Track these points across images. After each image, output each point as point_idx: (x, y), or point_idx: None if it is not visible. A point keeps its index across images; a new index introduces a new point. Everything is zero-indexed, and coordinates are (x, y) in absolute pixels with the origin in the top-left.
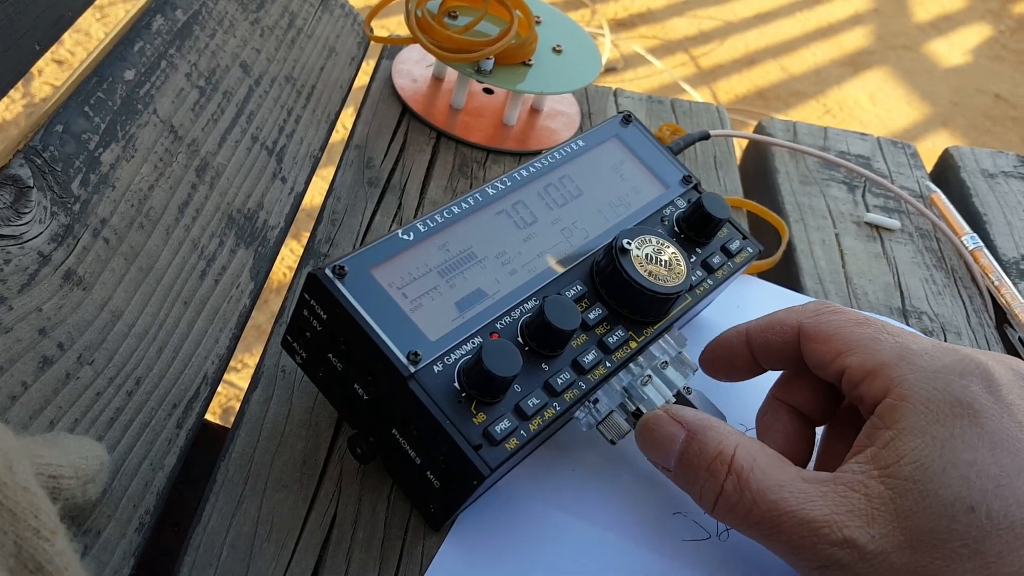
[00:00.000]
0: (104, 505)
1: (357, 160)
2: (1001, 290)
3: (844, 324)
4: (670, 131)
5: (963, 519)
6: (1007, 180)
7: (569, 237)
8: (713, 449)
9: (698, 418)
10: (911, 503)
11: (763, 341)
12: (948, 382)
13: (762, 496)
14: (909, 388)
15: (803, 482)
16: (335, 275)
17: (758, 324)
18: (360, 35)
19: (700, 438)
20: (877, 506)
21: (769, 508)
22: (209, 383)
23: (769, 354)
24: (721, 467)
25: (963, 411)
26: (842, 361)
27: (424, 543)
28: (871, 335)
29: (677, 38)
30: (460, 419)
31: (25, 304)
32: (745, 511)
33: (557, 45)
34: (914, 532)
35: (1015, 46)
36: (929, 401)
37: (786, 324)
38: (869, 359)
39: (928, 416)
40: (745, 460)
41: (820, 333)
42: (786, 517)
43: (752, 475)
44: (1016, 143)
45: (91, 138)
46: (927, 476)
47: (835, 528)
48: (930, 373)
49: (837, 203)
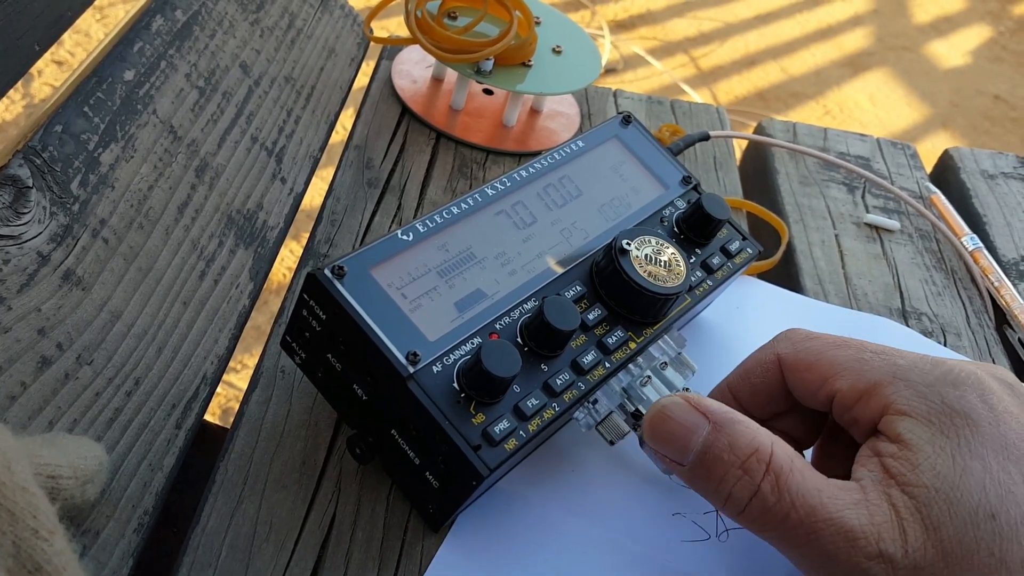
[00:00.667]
0: (103, 505)
1: (357, 161)
2: (1001, 291)
3: (824, 349)
4: (670, 132)
5: (986, 527)
6: (1007, 181)
7: (569, 238)
8: (748, 445)
9: (725, 411)
10: (937, 512)
11: (748, 388)
12: (944, 394)
13: (802, 500)
14: (907, 403)
15: (838, 489)
16: (334, 275)
17: (737, 374)
18: (360, 36)
19: (729, 431)
20: (905, 516)
21: (808, 513)
22: (208, 383)
23: (759, 400)
24: (758, 465)
25: (962, 421)
26: (831, 386)
27: (423, 543)
28: (854, 356)
29: (677, 39)
30: (459, 419)
31: (24, 304)
32: (783, 515)
33: (557, 46)
34: (945, 544)
35: (1015, 47)
36: (929, 413)
37: (765, 362)
38: (860, 380)
39: (931, 428)
40: (784, 460)
41: (802, 361)
42: (824, 525)
43: (792, 477)
44: (1016, 144)
45: (90, 138)
46: (947, 484)
47: (872, 540)
48: (924, 387)
49: (837, 204)
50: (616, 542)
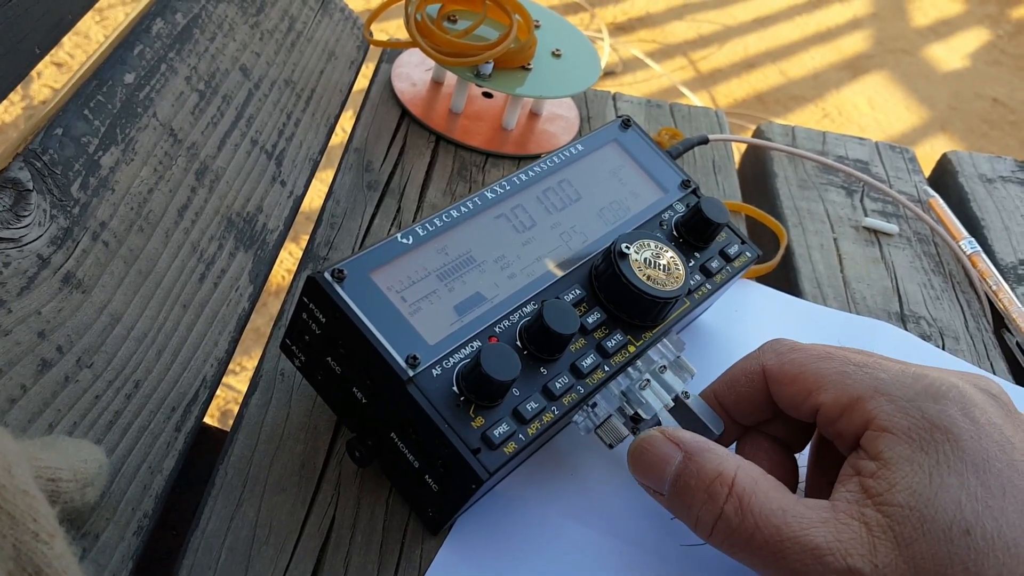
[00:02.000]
0: (102, 508)
1: (356, 163)
2: (999, 295)
3: (808, 361)
4: (669, 135)
5: (960, 542)
6: (1005, 185)
7: (568, 241)
8: (712, 470)
9: (696, 440)
10: (910, 530)
11: (735, 397)
12: (924, 409)
13: (765, 520)
14: (888, 419)
15: (804, 508)
16: (334, 279)
17: (722, 382)
18: (359, 39)
19: (698, 459)
20: (877, 534)
21: (772, 533)
22: (208, 386)
23: (745, 409)
24: (721, 489)
25: (943, 436)
26: (815, 399)
27: (422, 547)
28: (837, 369)
29: (676, 42)
30: (458, 423)
31: (24, 307)
32: (747, 536)
33: (556, 49)
34: (916, 559)
35: (1013, 50)
36: (910, 430)
37: (750, 372)
38: (843, 395)
39: (912, 445)
40: (747, 483)
41: (786, 374)
42: (789, 543)
43: (755, 498)
44: (1014, 147)
45: (91, 141)
46: (921, 502)
47: (839, 556)
48: (905, 402)
49: (835, 207)
50: (615, 545)
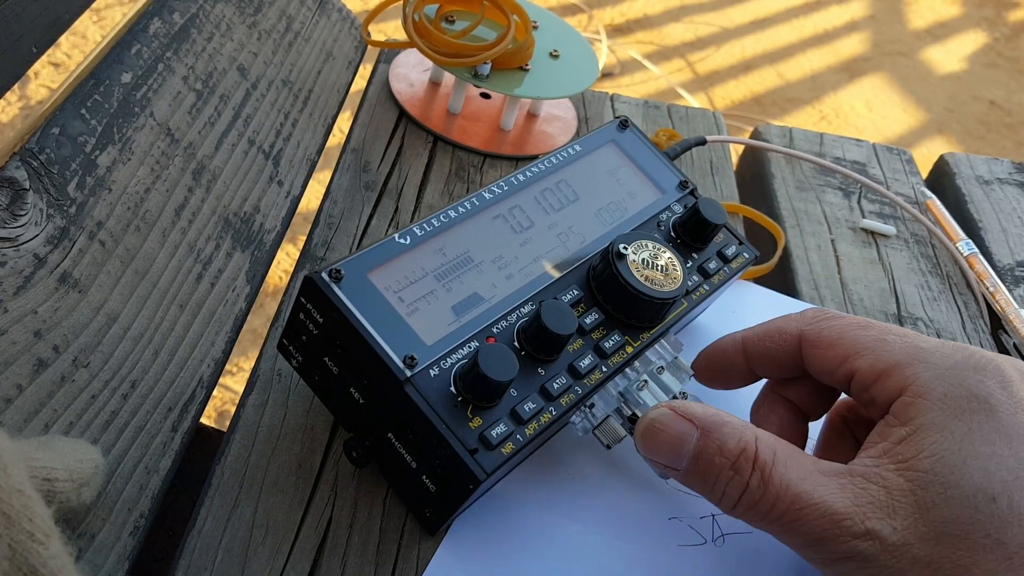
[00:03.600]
0: (99, 508)
1: (354, 164)
2: (996, 296)
3: (847, 328)
4: (666, 136)
5: (985, 509)
6: (1002, 187)
7: (566, 242)
8: (735, 446)
9: (708, 414)
10: (932, 495)
11: (761, 349)
12: (963, 377)
13: (785, 489)
14: (925, 385)
15: (821, 474)
16: (332, 279)
17: (755, 332)
18: (357, 39)
19: (717, 435)
20: (898, 498)
21: (792, 501)
22: (204, 386)
23: (766, 362)
24: (746, 463)
25: (979, 405)
26: (851, 365)
27: (419, 548)
28: (877, 336)
29: (674, 44)
30: (456, 423)
31: (20, 307)
32: (769, 506)
33: (554, 50)
34: (937, 523)
35: (1010, 53)
36: (946, 397)
37: (785, 332)
38: (880, 360)
39: (945, 411)
40: (766, 454)
41: (823, 339)
42: (809, 510)
43: (775, 469)
44: (1011, 149)
45: (87, 141)
46: (947, 468)
47: (857, 520)
48: (944, 370)
49: (833, 209)
50: (612, 546)
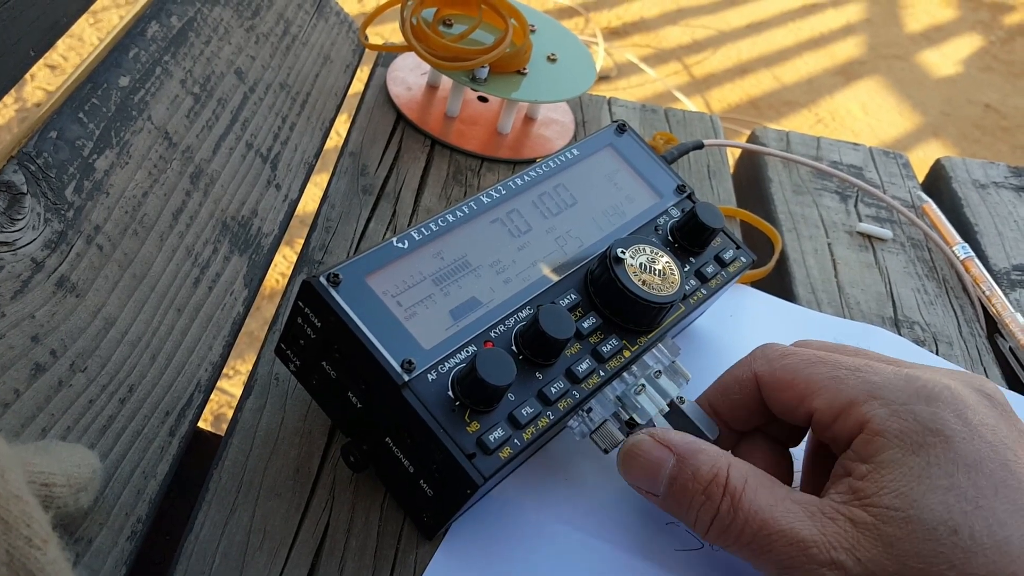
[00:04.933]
0: (96, 513)
1: (351, 167)
2: (992, 300)
3: (800, 367)
4: (664, 140)
5: (947, 541)
6: (998, 191)
7: (563, 246)
8: (708, 472)
9: (685, 441)
10: (895, 529)
11: (728, 404)
12: (916, 412)
13: (754, 515)
14: (881, 423)
15: (792, 503)
16: (329, 283)
17: (715, 389)
18: (355, 42)
19: (692, 462)
20: (862, 531)
21: (760, 527)
22: (202, 390)
23: (738, 415)
24: (717, 490)
25: (935, 438)
26: (808, 405)
27: (417, 552)
28: (830, 374)
29: (670, 47)
30: (454, 428)
31: (18, 311)
32: (738, 531)
33: (552, 54)
34: (901, 557)
35: (1005, 56)
36: (902, 433)
37: (742, 379)
38: (836, 400)
39: (903, 447)
40: (737, 480)
41: (779, 381)
42: (777, 536)
43: (744, 495)
44: (1006, 153)
45: (85, 144)
46: (907, 503)
47: (823, 549)
48: (898, 406)
49: (830, 213)
50: (609, 551)
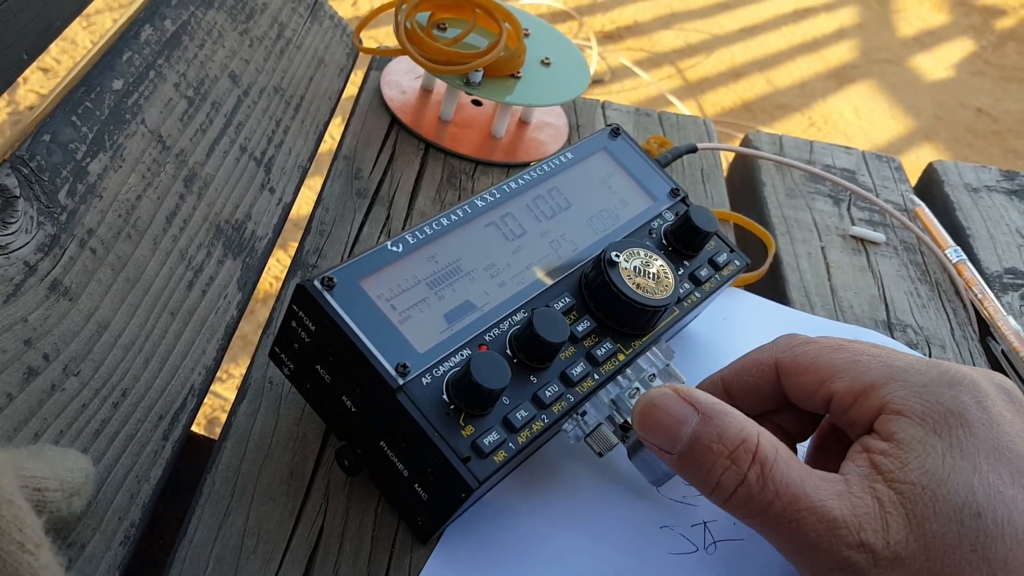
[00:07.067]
0: (89, 518)
1: (345, 171)
2: (984, 303)
3: (821, 352)
4: (658, 144)
5: (971, 524)
6: (990, 194)
7: (558, 249)
8: (735, 436)
9: (711, 402)
10: (922, 508)
11: (742, 385)
12: (939, 394)
13: (785, 488)
14: (902, 403)
15: (820, 480)
16: (324, 287)
17: (732, 370)
18: (349, 46)
19: (718, 422)
20: (889, 510)
21: (791, 501)
22: (196, 394)
23: (751, 397)
24: (746, 455)
25: (956, 421)
26: (828, 388)
27: (411, 556)
28: (851, 358)
29: (664, 51)
30: (448, 431)
31: (10, 315)
32: (767, 502)
33: (545, 58)
34: (927, 538)
35: (997, 61)
36: (924, 414)
37: (761, 363)
38: (856, 382)
39: (925, 428)
40: (769, 450)
41: (799, 365)
42: (807, 513)
43: (776, 466)
44: (997, 156)
45: (78, 148)
46: (934, 482)
47: (853, 530)
48: (920, 387)
49: (823, 216)
50: (604, 554)
